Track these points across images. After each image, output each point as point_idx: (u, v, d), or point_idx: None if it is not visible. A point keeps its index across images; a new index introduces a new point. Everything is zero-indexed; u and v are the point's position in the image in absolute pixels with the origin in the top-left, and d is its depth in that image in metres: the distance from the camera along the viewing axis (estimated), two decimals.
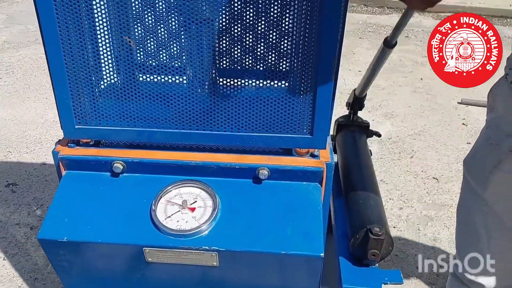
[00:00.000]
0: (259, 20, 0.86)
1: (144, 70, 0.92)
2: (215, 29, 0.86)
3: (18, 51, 4.23)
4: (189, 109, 0.94)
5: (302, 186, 0.98)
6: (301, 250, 0.89)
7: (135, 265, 0.95)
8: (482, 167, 1.08)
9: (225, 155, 1.00)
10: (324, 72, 0.87)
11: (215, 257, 0.91)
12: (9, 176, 2.54)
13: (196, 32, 0.87)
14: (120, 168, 0.97)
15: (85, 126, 0.97)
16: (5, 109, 3.25)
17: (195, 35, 0.87)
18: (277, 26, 0.87)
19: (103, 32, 0.89)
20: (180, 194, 0.97)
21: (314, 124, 0.93)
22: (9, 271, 1.94)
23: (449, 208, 2.35)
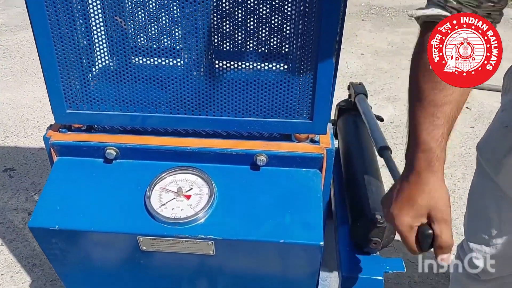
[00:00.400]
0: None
1: (137, 52, 0.88)
2: (209, 8, 0.82)
3: (15, 34, 4.17)
4: (184, 93, 0.91)
5: (302, 172, 0.95)
6: (300, 239, 0.86)
7: (129, 254, 0.93)
8: (496, 150, 1.05)
9: (221, 141, 0.97)
10: (324, 54, 0.83)
11: (212, 245, 0.88)
12: (6, 161, 2.52)
13: (191, 12, 0.83)
14: (113, 154, 0.94)
15: (77, 111, 0.93)
16: (3, 93, 3.21)
17: (190, 14, 0.83)
18: (277, 7, 0.82)
19: (94, 12, 0.85)
20: (175, 181, 0.94)
21: (314, 109, 0.89)
22: (7, 257, 1.92)
23: (452, 193, 2.32)
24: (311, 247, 0.86)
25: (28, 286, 1.79)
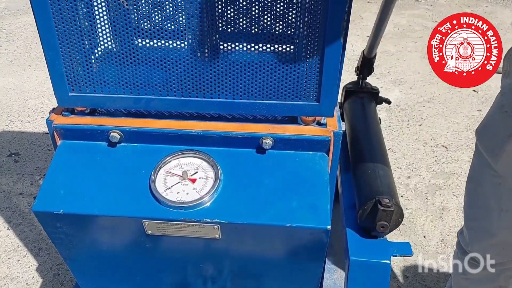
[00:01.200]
0: None
1: (140, 34, 0.86)
2: None
3: (18, 18, 4.14)
4: (189, 75, 0.89)
5: (308, 156, 0.93)
6: (307, 222, 0.85)
7: (134, 238, 0.92)
8: (495, 136, 1.03)
9: (226, 124, 0.95)
10: (332, 34, 0.80)
11: (218, 229, 0.87)
12: (11, 145, 2.52)
13: None
14: (117, 137, 0.93)
15: (80, 94, 0.92)
16: (6, 77, 3.20)
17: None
18: None
19: None
20: (180, 165, 0.93)
21: (321, 91, 0.87)
22: (13, 241, 1.93)
23: (458, 176, 2.30)
24: (318, 230, 0.85)
25: (34, 270, 1.80)
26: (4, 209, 2.09)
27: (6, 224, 2.01)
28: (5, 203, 2.12)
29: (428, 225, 2.03)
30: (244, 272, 1.02)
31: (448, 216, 2.07)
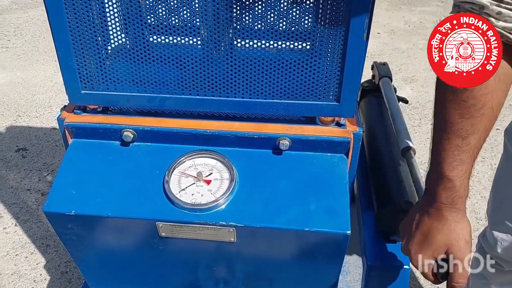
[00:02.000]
0: None
1: (154, 30, 0.83)
2: None
3: (25, 12, 4.13)
4: (204, 73, 0.86)
5: (326, 157, 0.90)
6: (326, 227, 0.82)
7: (147, 239, 0.90)
8: None
9: (242, 124, 0.92)
10: (355, 31, 0.77)
11: (233, 233, 0.85)
12: (19, 141, 2.50)
13: None
14: (130, 136, 0.90)
15: (92, 91, 0.89)
16: (14, 72, 3.19)
17: None
18: None
19: None
20: (194, 165, 0.90)
21: (341, 90, 0.84)
22: (21, 237, 1.92)
23: (472, 177, 2.26)
24: (337, 235, 0.82)
25: (42, 267, 1.78)
26: (11, 205, 2.08)
27: (14, 220, 2.00)
28: (13, 199, 2.11)
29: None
30: (258, 276, 0.99)
31: None
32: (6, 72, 3.18)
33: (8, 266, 1.79)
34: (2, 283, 1.72)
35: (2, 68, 3.22)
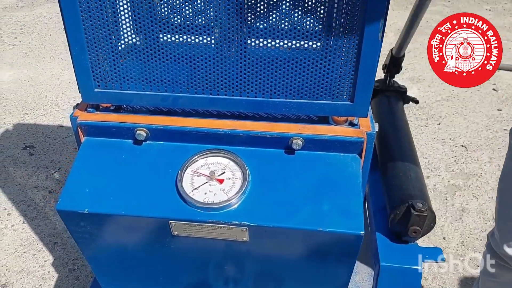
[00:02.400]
0: None
1: (167, 29, 0.83)
2: None
3: (32, 10, 4.14)
4: (217, 72, 0.86)
5: (339, 157, 0.90)
6: (340, 227, 0.82)
7: (160, 238, 0.90)
8: None
9: (255, 123, 0.92)
10: (371, 30, 0.77)
11: (246, 232, 0.85)
12: (26, 138, 2.51)
13: None
14: (143, 135, 0.90)
15: (105, 90, 0.89)
16: (21, 69, 3.20)
17: None
18: None
19: None
20: (207, 164, 0.90)
21: (355, 90, 0.84)
22: (29, 235, 1.92)
23: (478, 177, 2.26)
24: (350, 236, 0.82)
25: (50, 264, 1.79)
26: (19, 202, 2.08)
27: (22, 217, 2.01)
28: (20, 196, 2.11)
29: (448, 227, 1.99)
30: (269, 276, 0.99)
31: (469, 218, 2.03)
32: (13, 69, 3.19)
33: (16, 263, 1.79)
34: (10, 280, 1.72)
35: (9, 66, 3.23)
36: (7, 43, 3.55)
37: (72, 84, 3.02)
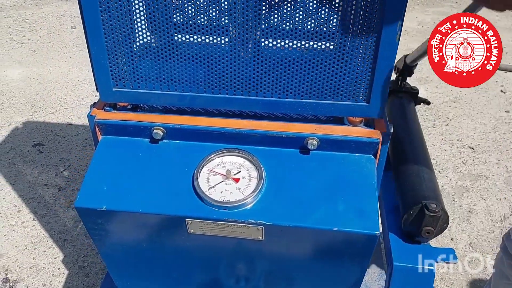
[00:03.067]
0: None
1: (183, 29, 0.84)
2: None
3: (40, 8, 4.16)
4: (232, 72, 0.87)
5: (354, 158, 0.91)
6: (355, 227, 0.82)
7: (175, 236, 0.91)
8: None
9: (270, 123, 0.93)
10: (388, 31, 0.78)
11: (261, 231, 0.86)
12: (35, 136, 2.53)
13: None
14: (160, 134, 0.91)
15: (123, 89, 0.90)
16: (30, 67, 3.21)
17: None
18: None
19: None
20: (223, 163, 0.91)
21: (372, 91, 0.85)
22: (39, 232, 1.94)
23: (486, 179, 2.26)
24: (366, 236, 0.82)
25: (60, 261, 1.80)
26: (29, 199, 2.10)
27: (32, 214, 2.02)
28: (30, 193, 2.13)
29: (456, 228, 2.00)
30: (282, 274, 1.00)
31: (476, 219, 2.04)
32: (22, 67, 3.21)
33: (27, 259, 1.81)
34: (21, 276, 1.74)
35: (18, 64, 3.25)
36: (16, 41, 3.57)
37: (81, 82, 3.04)
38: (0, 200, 2.09)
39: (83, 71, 3.16)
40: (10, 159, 2.34)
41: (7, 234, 1.92)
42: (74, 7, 4.14)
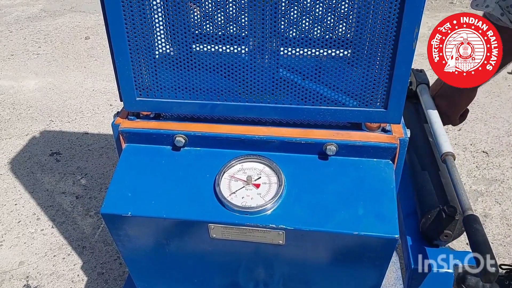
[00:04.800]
0: None
1: (205, 39, 0.87)
2: None
3: (55, 19, 4.23)
4: (252, 81, 0.89)
5: (373, 163, 0.92)
6: (375, 231, 0.84)
7: (198, 240, 0.93)
8: None
9: (289, 130, 0.95)
10: (406, 38, 0.79)
11: (282, 235, 0.88)
12: (52, 145, 2.57)
13: None
14: (182, 141, 0.94)
15: (147, 98, 0.93)
16: (46, 78, 3.27)
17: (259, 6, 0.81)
18: None
19: None
20: (243, 169, 0.94)
21: (389, 97, 0.86)
22: (58, 239, 1.97)
23: (501, 183, 2.25)
24: (386, 240, 0.84)
25: (79, 268, 1.83)
26: (48, 207, 2.14)
27: (51, 222, 2.06)
28: (49, 201, 2.17)
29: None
30: (302, 278, 1.02)
31: (492, 224, 2.03)
32: (38, 78, 3.27)
33: (47, 266, 1.84)
34: (42, 283, 1.77)
35: (34, 74, 3.31)
36: (31, 52, 3.64)
37: (95, 92, 3.09)
38: (20, 208, 2.14)
39: (97, 80, 3.21)
40: (29, 168, 2.39)
41: (27, 241, 1.96)
42: (87, 18, 4.22)
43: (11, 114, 2.87)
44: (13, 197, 2.20)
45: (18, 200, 2.18)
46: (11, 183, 2.29)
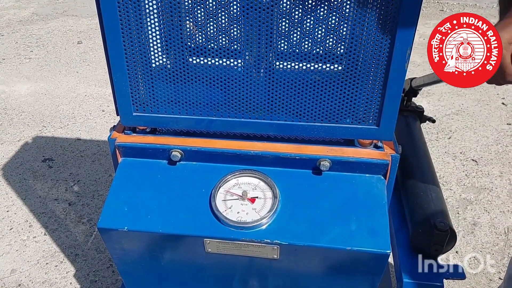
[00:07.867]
0: None
1: (199, 53, 0.88)
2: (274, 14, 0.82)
3: (47, 23, 4.22)
4: (247, 97, 0.91)
5: (365, 178, 0.95)
6: (367, 246, 0.86)
7: (193, 255, 0.94)
8: None
9: (284, 145, 0.97)
10: (398, 58, 0.82)
11: (277, 250, 0.89)
12: (45, 151, 2.57)
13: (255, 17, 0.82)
14: (178, 156, 0.95)
15: (143, 114, 0.94)
16: (38, 82, 3.26)
17: (255, 19, 0.82)
18: None
19: (151, 14, 0.84)
20: (238, 184, 0.95)
21: (381, 115, 0.89)
22: (51, 246, 1.97)
23: (489, 191, 2.29)
24: (378, 255, 0.86)
25: (72, 276, 1.83)
26: (40, 214, 2.13)
27: (43, 229, 2.05)
28: (41, 208, 2.17)
29: (460, 241, 2.03)
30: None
31: (481, 232, 2.06)
32: (30, 82, 3.26)
33: (39, 274, 1.84)
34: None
35: (26, 79, 3.30)
36: (23, 57, 3.62)
37: (88, 97, 3.09)
38: (12, 215, 2.13)
39: (90, 86, 3.21)
40: (21, 174, 2.38)
41: (19, 249, 1.96)
42: (79, 22, 4.21)
43: (3, 119, 2.86)
44: (5, 204, 2.20)
45: (10, 207, 2.18)
46: (3, 189, 2.28)
